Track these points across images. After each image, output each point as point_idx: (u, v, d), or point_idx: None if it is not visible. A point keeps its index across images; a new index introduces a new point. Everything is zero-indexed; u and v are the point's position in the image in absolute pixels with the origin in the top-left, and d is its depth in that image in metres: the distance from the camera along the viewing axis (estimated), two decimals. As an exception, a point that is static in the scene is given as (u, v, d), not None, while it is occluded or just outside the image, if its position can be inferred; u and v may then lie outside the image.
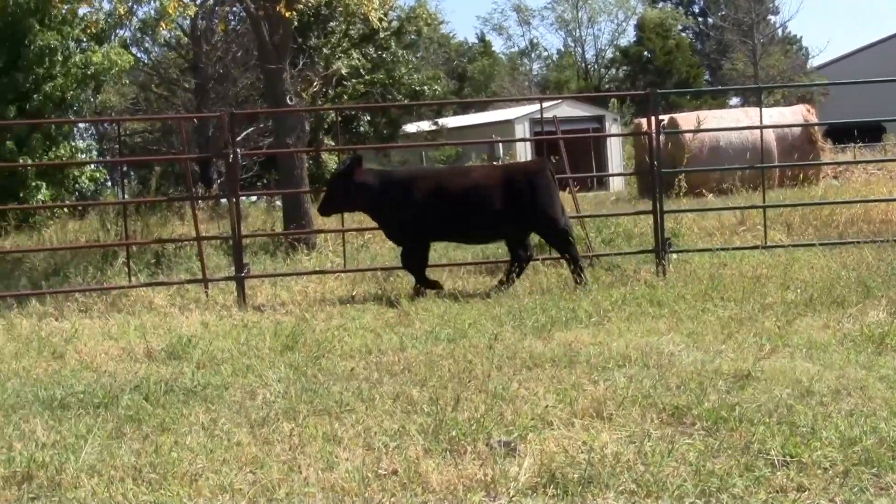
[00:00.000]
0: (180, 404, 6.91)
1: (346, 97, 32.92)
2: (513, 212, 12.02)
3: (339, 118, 29.14)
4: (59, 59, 26.60)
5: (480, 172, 13.23)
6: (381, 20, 20.80)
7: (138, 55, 37.25)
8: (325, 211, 12.70)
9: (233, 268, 12.85)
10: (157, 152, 37.88)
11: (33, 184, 26.17)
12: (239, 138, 20.33)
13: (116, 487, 5.18)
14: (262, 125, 32.40)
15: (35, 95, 26.29)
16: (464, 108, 54.79)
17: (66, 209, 26.42)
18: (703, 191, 19.52)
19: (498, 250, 14.31)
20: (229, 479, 5.19)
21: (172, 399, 7.08)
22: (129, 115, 39.01)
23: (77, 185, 29.56)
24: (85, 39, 28.11)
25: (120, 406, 6.90)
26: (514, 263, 12.27)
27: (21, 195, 25.76)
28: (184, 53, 38.02)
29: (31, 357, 9.14)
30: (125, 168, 39.28)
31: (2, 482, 5.36)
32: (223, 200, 21.58)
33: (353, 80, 33.11)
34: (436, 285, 12.04)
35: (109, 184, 40.47)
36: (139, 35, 37.93)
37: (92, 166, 30.01)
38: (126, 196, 26.47)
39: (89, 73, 27.60)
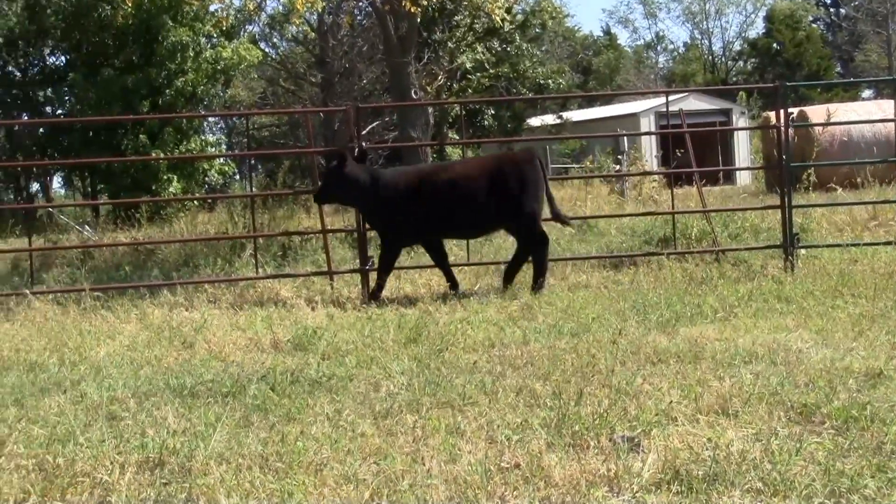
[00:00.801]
0: (306, 395, 6.99)
1: (470, 91, 33.00)
2: (498, 205, 11.85)
3: (464, 112, 29.19)
4: (191, 54, 27.25)
5: (465, 166, 12.82)
6: (503, 20, 20.81)
7: (266, 50, 37.93)
8: (319, 199, 12.76)
9: (358, 260, 12.98)
10: (284, 146, 38.55)
11: (165, 177, 26.89)
12: (364, 132, 20.56)
13: (244, 475, 5.27)
14: (387, 119, 32.67)
15: (167, 90, 27.00)
16: (588, 102, 54.44)
17: (195, 202, 27.05)
18: (833, 185, 19.09)
19: (622, 244, 14.26)
20: (353, 470, 5.24)
21: (298, 389, 7.17)
22: (257, 110, 39.71)
23: (206, 178, 30.28)
24: (215, 35, 28.74)
25: (247, 395, 7.00)
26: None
27: (153, 188, 26.48)
28: (310, 48, 38.54)
29: (163, 346, 9.34)
30: (253, 161, 40.02)
31: (136, 467, 5.48)
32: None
33: (478, 74, 33.17)
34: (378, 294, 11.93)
35: (237, 177, 41.30)
36: (267, 30, 38.61)
37: (221, 160, 30.67)
38: (254, 189, 26.91)
39: (219, 68, 28.24)
